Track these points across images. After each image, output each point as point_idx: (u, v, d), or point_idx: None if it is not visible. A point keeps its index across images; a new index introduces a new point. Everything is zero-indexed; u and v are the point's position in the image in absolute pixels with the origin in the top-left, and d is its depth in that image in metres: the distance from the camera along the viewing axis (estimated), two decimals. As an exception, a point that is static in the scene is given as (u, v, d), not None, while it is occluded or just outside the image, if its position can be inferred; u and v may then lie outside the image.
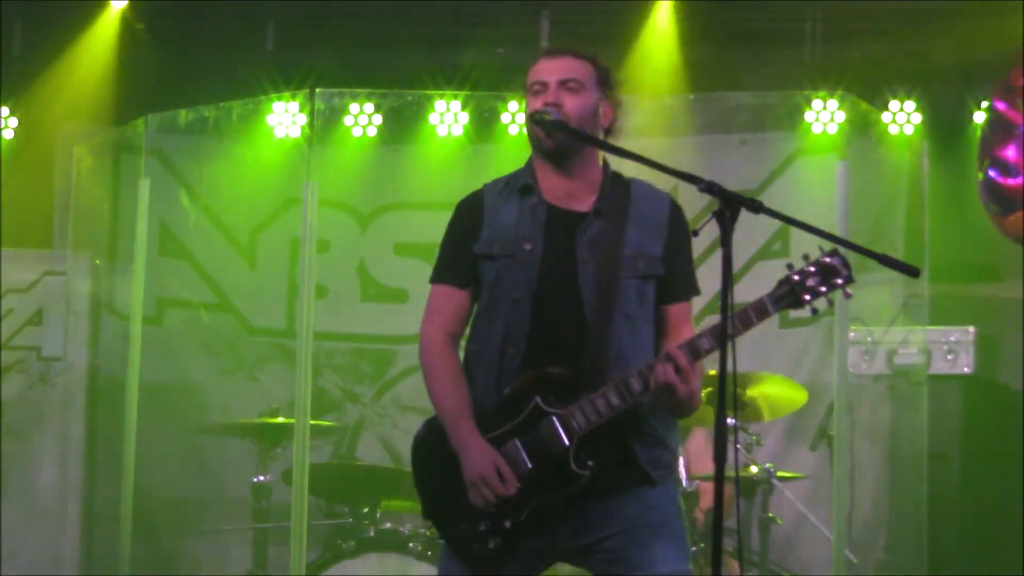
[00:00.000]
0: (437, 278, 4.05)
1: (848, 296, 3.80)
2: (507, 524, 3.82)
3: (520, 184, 3.99)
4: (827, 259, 3.78)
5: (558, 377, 3.82)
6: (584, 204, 3.95)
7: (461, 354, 4.02)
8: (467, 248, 3.97)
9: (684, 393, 3.73)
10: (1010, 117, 7.31)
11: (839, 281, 3.77)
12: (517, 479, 3.79)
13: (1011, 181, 7.29)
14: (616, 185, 3.99)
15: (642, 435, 3.87)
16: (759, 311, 3.78)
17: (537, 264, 3.89)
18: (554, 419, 3.80)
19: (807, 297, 3.77)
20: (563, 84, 3.95)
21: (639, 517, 3.85)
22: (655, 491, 3.88)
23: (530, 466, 3.80)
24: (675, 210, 4.01)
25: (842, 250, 3.78)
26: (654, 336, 3.95)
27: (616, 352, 3.84)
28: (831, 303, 3.80)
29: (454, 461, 3.87)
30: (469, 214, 4.02)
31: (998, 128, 7.34)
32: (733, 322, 3.69)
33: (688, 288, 4.01)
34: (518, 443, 3.82)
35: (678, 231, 3.99)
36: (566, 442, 3.78)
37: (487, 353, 3.92)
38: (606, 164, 4.02)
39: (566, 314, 3.86)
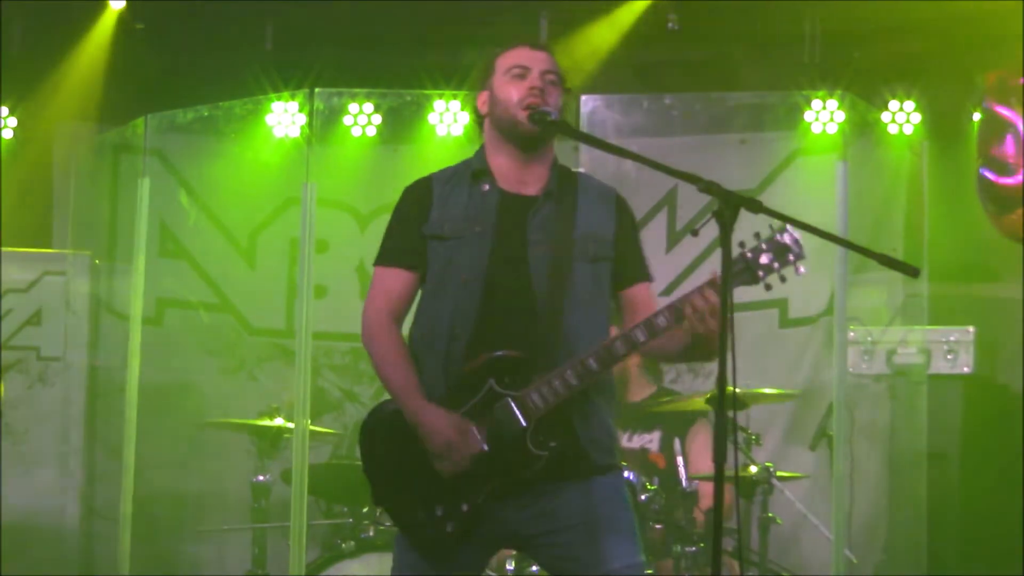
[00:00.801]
0: (383, 260, 4.05)
1: (800, 273, 3.81)
2: (464, 507, 3.83)
3: (472, 170, 4.02)
4: (779, 237, 3.80)
5: (510, 360, 3.83)
6: (534, 188, 3.99)
7: (406, 337, 4.03)
8: (416, 230, 3.98)
9: (713, 327, 3.72)
10: (1004, 116, 7.32)
11: (790, 258, 3.79)
12: (474, 462, 3.80)
13: (1006, 180, 7.30)
14: (564, 174, 4.04)
15: (588, 418, 3.89)
16: (716, 288, 3.77)
17: (488, 246, 3.91)
18: (510, 401, 3.81)
19: (761, 274, 3.80)
20: (546, 75, 3.99)
21: (589, 511, 3.86)
22: (603, 482, 3.90)
23: (487, 448, 3.80)
24: (620, 200, 4.07)
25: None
26: (607, 319, 3.98)
27: (567, 333, 3.86)
28: (784, 280, 3.80)
29: (404, 445, 3.87)
30: (418, 197, 4.03)
31: (992, 127, 7.35)
32: (691, 300, 3.73)
33: (643, 271, 4.05)
34: (473, 426, 3.82)
35: (625, 219, 4.05)
36: (523, 423, 3.79)
37: (434, 335, 3.92)
38: (554, 157, 4.08)
39: (516, 296, 3.88)
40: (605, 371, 3.82)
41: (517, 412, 3.80)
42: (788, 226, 3.78)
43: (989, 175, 7.38)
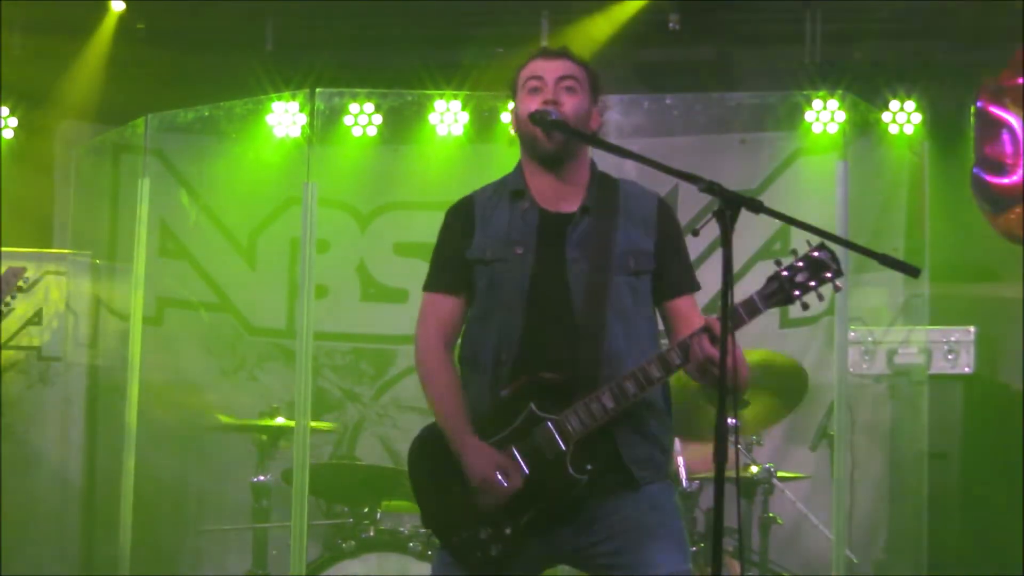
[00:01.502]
0: (430, 286, 4.04)
1: (838, 289, 3.75)
2: (507, 530, 3.82)
3: (511, 189, 3.98)
4: (815, 253, 3.72)
5: (551, 382, 3.81)
6: (573, 204, 3.95)
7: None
8: (460, 254, 3.96)
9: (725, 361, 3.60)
10: (998, 116, 7.32)
11: (828, 275, 3.71)
12: (514, 492, 3.79)
13: (1000, 180, 7.30)
14: (604, 184, 3.99)
15: (632, 436, 3.86)
16: (750, 310, 3.75)
17: (529, 268, 3.88)
18: (549, 425, 3.79)
19: (797, 293, 3.72)
20: (561, 83, 3.94)
21: (637, 518, 3.84)
22: (651, 491, 3.87)
23: (527, 472, 3.80)
24: (663, 207, 4.01)
25: (835, 246, 3.74)
26: (654, 332, 3.94)
27: (608, 351, 3.83)
28: (822, 298, 3.74)
29: (451, 469, 3.86)
30: (460, 220, 4.00)
31: (986, 127, 7.35)
32: (724, 322, 3.64)
33: (689, 281, 3.99)
34: (514, 450, 3.81)
35: (668, 227, 3.98)
36: (562, 447, 3.78)
37: (481, 359, 3.91)
38: (593, 164, 4.03)
39: (557, 317, 3.85)
40: (642, 393, 3.76)
41: (557, 436, 3.78)
42: (825, 242, 3.70)
43: (982, 175, 7.38)
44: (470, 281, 3.96)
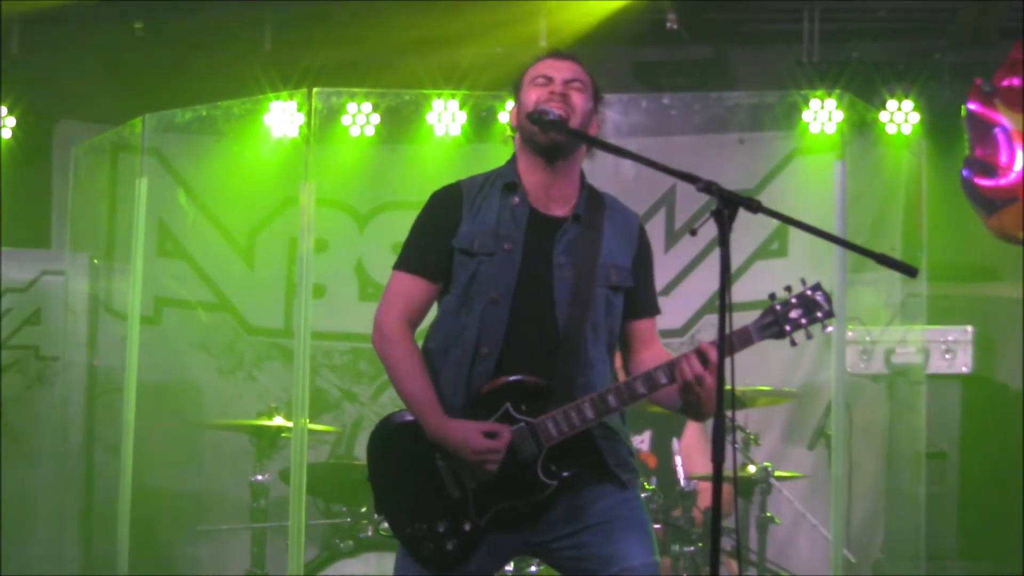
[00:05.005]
0: (404, 266, 3.99)
1: (827, 330, 3.87)
2: (466, 527, 3.82)
3: (504, 182, 3.97)
4: (809, 293, 3.84)
5: (529, 386, 3.81)
6: (563, 209, 3.95)
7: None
8: (443, 241, 3.92)
9: (711, 387, 3.72)
10: (986, 118, 7.32)
11: (819, 315, 3.84)
12: (482, 483, 3.79)
13: (991, 182, 7.30)
14: (592, 196, 4.01)
15: (607, 441, 3.88)
16: (743, 339, 3.83)
17: (517, 264, 3.87)
18: (524, 427, 3.80)
19: (788, 328, 3.84)
20: (569, 83, 3.96)
21: (607, 512, 3.86)
22: (620, 486, 3.90)
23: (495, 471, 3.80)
24: (642, 228, 4.06)
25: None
26: (614, 348, 3.98)
27: (585, 363, 3.85)
28: (810, 336, 3.86)
29: (414, 459, 3.85)
30: (447, 207, 3.97)
31: (976, 129, 7.35)
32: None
33: (654, 304, 4.06)
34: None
35: (645, 248, 4.04)
36: (536, 451, 3.79)
37: (456, 351, 3.88)
38: (583, 176, 4.03)
39: (538, 319, 3.85)
40: (622, 408, 3.81)
41: (531, 439, 3.79)
42: (820, 283, 3.85)
43: (973, 178, 7.38)
44: (448, 270, 3.93)
